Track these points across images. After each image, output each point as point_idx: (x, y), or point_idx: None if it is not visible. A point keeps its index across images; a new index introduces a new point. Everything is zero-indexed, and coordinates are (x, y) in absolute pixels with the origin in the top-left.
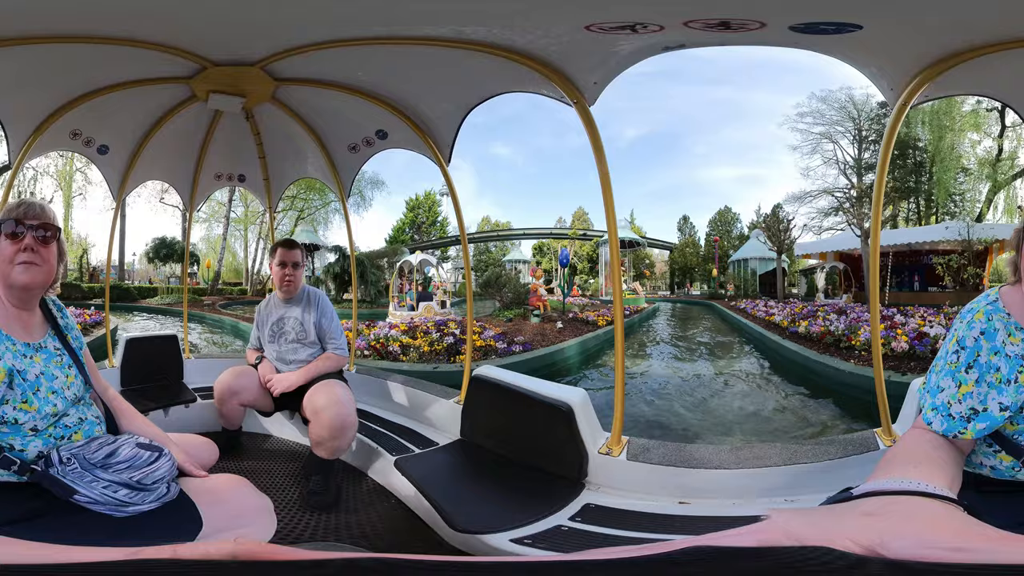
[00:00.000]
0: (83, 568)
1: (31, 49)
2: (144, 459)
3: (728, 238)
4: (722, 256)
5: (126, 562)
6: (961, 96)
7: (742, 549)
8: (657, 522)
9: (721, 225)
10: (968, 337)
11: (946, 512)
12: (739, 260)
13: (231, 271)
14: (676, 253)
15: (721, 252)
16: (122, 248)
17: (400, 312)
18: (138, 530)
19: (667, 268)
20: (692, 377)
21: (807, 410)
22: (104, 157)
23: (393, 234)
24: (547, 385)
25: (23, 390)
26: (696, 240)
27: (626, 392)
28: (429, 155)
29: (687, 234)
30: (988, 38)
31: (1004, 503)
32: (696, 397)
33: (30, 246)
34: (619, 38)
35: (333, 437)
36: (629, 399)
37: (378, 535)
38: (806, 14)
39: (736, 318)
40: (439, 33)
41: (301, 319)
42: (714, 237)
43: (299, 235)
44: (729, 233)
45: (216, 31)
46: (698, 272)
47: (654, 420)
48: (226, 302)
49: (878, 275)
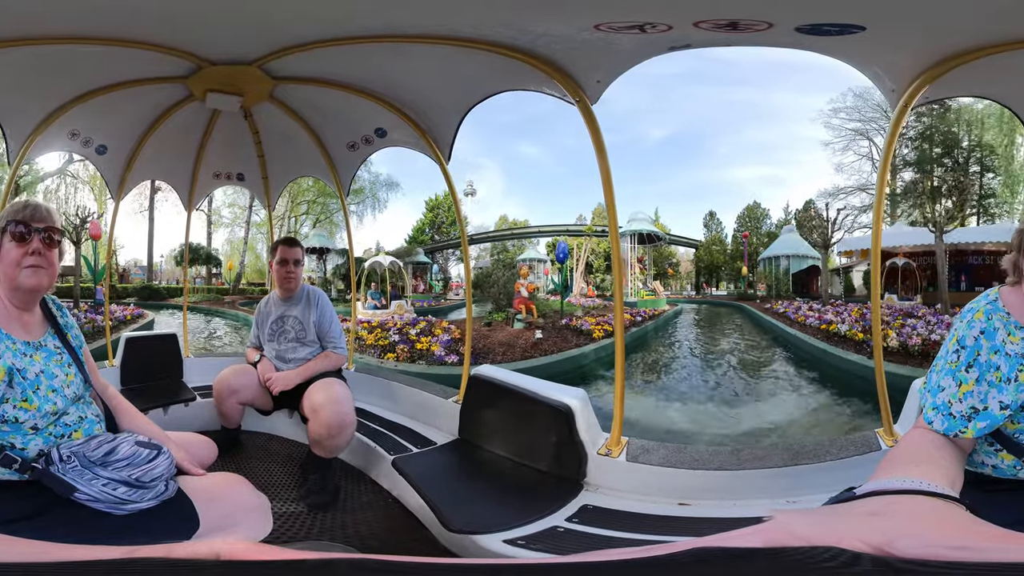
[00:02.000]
0: (80, 566)
1: (29, 50)
2: (143, 457)
3: (756, 235)
4: (751, 253)
5: (120, 560)
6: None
7: (750, 550)
8: (657, 523)
9: (749, 221)
10: (968, 336)
11: (948, 511)
12: (770, 258)
13: (255, 271)
14: (702, 250)
15: (750, 249)
16: (150, 250)
17: (368, 310)
18: (136, 528)
19: (692, 267)
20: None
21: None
22: (103, 157)
23: (413, 234)
24: (547, 386)
25: (23, 388)
26: (722, 237)
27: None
28: (429, 153)
29: (713, 231)
30: (989, 39)
31: (1006, 502)
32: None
33: (37, 249)
34: (626, 37)
35: (331, 436)
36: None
37: (374, 534)
38: (814, 15)
39: (776, 325)
40: (438, 31)
41: (301, 318)
42: (743, 232)
43: (313, 239)
44: (757, 229)
45: (212, 30)
46: (725, 271)
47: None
48: (246, 301)
49: (879, 275)
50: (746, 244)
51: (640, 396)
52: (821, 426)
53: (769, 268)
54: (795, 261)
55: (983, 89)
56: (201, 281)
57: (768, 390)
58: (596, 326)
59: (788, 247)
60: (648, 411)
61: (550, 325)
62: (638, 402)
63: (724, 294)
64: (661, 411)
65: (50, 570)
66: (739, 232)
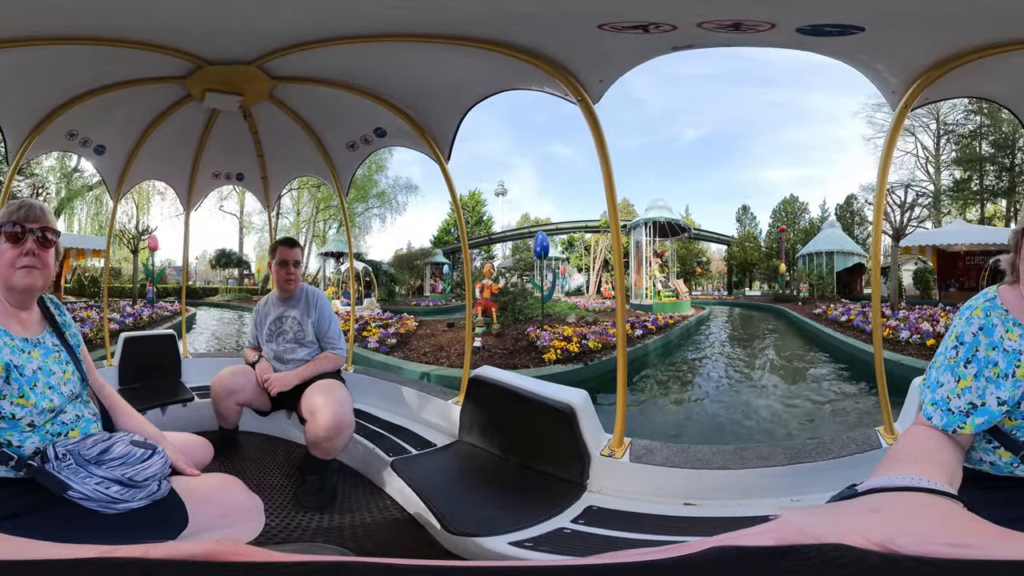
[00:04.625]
0: (53, 565)
1: (27, 50)
2: (137, 456)
3: (793, 230)
4: (788, 250)
5: (92, 560)
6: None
7: (765, 549)
8: (663, 524)
9: (786, 216)
10: (967, 332)
11: (946, 508)
12: (811, 254)
13: None
14: (734, 247)
15: (788, 245)
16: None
17: (344, 307)
18: (123, 527)
19: (724, 266)
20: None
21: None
22: (101, 157)
23: (438, 234)
24: (548, 386)
25: (20, 385)
26: (755, 234)
27: None
28: (428, 153)
29: (746, 226)
30: (988, 40)
31: (1003, 499)
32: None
33: (31, 250)
34: (629, 37)
35: (329, 437)
36: None
37: (371, 537)
38: (814, 16)
39: (835, 337)
40: (438, 30)
41: (299, 319)
42: (780, 226)
43: (330, 243)
44: (795, 225)
45: (211, 30)
46: (759, 269)
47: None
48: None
49: (879, 275)
50: (783, 239)
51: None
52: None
53: (809, 266)
54: (840, 259)
55: (984, 90)
56: (234, 282)
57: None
58: (560, 341)
59: (830, 243)
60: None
61: (513, 333)
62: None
63: (758, 294)
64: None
65: (20, 568)
66: (775, 227)
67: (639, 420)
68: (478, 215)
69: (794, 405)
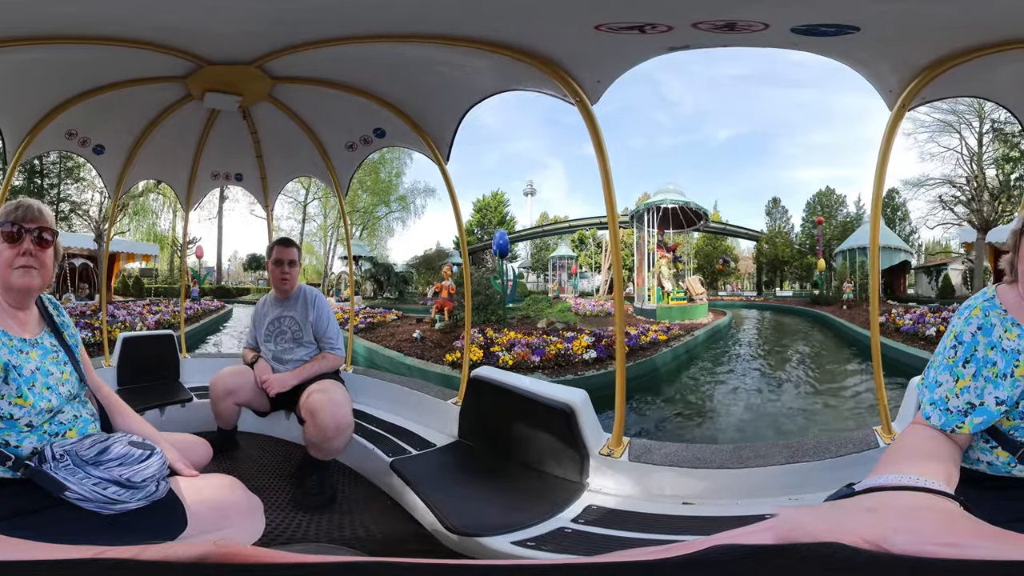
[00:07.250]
0: (43, 565)
1: (26, 49)
2: (135, 457)
3: (830, 225)
4: (825, 246)
5: (83, 561)
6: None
7: (763, 547)
8: (663, 523)
9: (822, 210)
10: (965, 332)
11: (943, 508)
12: (851, 249)
13: (314, 272)
14: (764, 242)
15: (824, 241)
16: (219, 254)
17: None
18: (120, 528)
19: (754, 264)
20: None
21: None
22: (101, 157)
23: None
24: (547, 386)
25: (18, 385)
26: (786, 231)
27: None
28: (427, 154)
29: (777, 220)
30: (984, 40)
31: (1000, 499)
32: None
33: (29, 250)
34: (626, 38)
35: (328, 438)
36: None
37: (371, 537)
38: (809, 16)
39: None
40: (437, 31)
41: (298, 318)
42: (817, 218)
43: (353, 248)
44: (832, 219)
45: (211, 30)
46: (792, 267)
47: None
48: None
49: (878, 276)
50: (820, 233)
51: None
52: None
53: (849, 263)
54: (884, 255)
55: (981, 89)
56: (264, 283)
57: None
58: (497, 347)
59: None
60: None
61: (462, 332)
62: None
63: (789, 295)
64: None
65: (10, 568)
66: (808, 221)
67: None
68: (500, 215)
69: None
